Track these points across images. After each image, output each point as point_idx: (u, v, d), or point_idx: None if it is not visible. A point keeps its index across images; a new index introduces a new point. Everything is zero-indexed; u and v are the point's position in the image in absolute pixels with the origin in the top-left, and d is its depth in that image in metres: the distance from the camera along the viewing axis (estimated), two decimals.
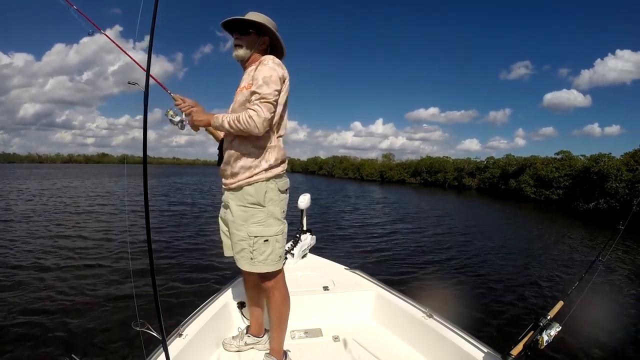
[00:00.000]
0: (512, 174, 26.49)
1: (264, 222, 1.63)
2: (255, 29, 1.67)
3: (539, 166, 23.58)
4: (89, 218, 10.15)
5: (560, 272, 6.30)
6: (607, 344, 3.55)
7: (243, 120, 1.50)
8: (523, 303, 4.66)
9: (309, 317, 2.24)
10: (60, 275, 5.01)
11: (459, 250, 7.71)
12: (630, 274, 6.27)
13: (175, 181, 32.05)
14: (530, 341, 1.47)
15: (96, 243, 7.02)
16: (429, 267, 6.22)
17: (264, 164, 1.62)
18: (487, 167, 31.17)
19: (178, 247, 6.88)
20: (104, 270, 5.21)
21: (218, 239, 1.85)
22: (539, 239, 9.80)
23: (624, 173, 17.98)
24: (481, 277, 5.77)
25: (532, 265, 6.72)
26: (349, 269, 2.77)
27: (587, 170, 20.10)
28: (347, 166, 54.05)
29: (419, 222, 11.74)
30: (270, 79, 1.52)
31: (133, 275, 2.07)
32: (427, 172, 38.40)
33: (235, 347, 1.94)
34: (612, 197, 17.89)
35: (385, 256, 6.82)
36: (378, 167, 48.13)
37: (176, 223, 9.62)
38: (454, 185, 33.96)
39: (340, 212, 13.71)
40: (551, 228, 12.34)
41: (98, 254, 6.13)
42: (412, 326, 2.04)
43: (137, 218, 8.89)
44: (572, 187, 20.90)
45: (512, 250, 7.96)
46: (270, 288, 1.72)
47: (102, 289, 4.46)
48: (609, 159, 19.54)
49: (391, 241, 8.28)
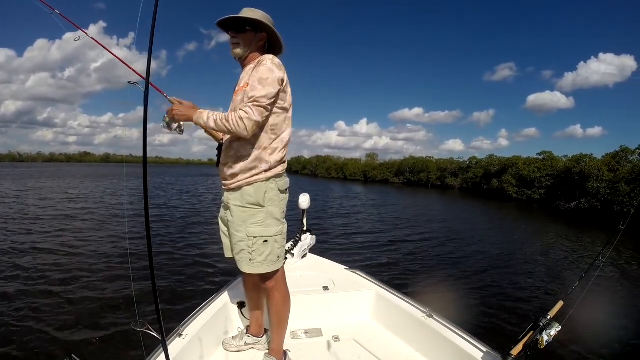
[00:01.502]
0: (495, 174, 26.89)
1: (263, 223, 1.62)
2: (251, 26, 1.63)
3: (521, 166, 23.96)
4: (88, 218, 10.15)
5: (560, 272, 6.30)
6: (607, 343, 3.55)
7: (232, 120, 1.47)
8: (523, 303, 4.66)
9: (309, 317, 2.24)
10: (60, 275, 5.00)
11: (453, 249, 7.72)
12: (630, 274, 6.28)
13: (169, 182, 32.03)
14: (530, 341, 1.47)
15: (96, 243, 7.02)
16: (425, 268, 6.23)
17: (264, 165, 1.60)
18: (470, 167, 31.64)
19: (178, 247, 6.88)
20: (104, 271, 5.20)
21: (218, 239, 1.85)
22: (536, 239, 9.81)
23: (605, 173, 18.32)
24: (481, 277, 5.77)
25: (532, 265, 6.72)
26: (349, 269, 2.77)
27: (568, 170, 20.47)
28: (331, 166, 53.79)
29: (408, 222, 11.76)
30: (267, 81, 1.50)
31: (133, 275, 2.07)
32: (410, 172, 38.84)
33: (235, 347, 1.94)
34: (593, 197, 18.27)
35: (377, 256, 6.82)
36: (361, 166, 48.12)
37: (176, 223, 9.61)
38: (436, 185, 34.35)
39: (330, 210, 13.73)
40: (545, 228, 12.38)
41: (98, 254, 6.13)
42: (412, 326, 2.04)
43: (137, 218, 8.90)
44: (554, 187, 21.29)
45: (508, 250, 7.96)
46: (271, 288, 1.71)
47: (102, 289, 4.46)
48: (591, 160, 19.90)
49: (380, 240, 8.29)
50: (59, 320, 3.61)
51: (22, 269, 5.25)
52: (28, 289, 4.44)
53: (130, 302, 3.97)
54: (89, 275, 5.03)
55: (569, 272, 6.32)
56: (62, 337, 3.29)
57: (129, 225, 9.17)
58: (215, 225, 1.88)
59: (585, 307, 1.69)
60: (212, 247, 6.58)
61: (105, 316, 3.73)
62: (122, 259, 5.75)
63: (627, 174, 17.27)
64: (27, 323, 3.53)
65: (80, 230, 8.31)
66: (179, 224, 9.53)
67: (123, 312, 3.79)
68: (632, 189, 16.44)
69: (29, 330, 3.39)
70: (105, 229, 8.57)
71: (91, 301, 4.11)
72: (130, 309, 3.83)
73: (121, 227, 8.79)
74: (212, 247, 6.63)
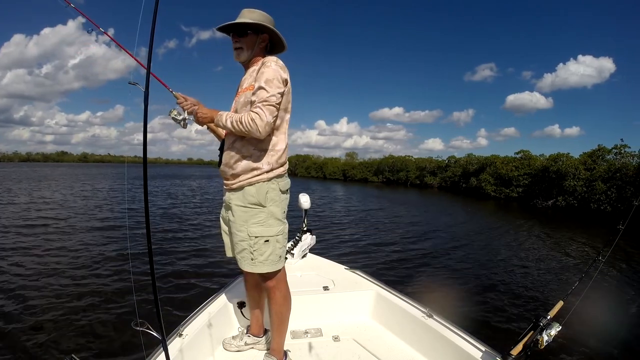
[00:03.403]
0: (473, 173, 27.10)
1: (264, 223, 1.63)
2: (252, 28, 1.65)
3: (499, 165, 24.18)
4: (88, 219, 10.15)
5: (559, 271, 6.30)
6: (608, 343, 3.55)
7: (246, 122, 1.50)
8: (523, 303, 4.66)
9: (309, 317, 2.24)
10: (60, 275, 5.00)
11: (441, 248, 7.72)
12: (630, 273, 6.28)
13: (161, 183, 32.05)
14: (530, 341, 1.47)
15: (96, 243, 7.02)
16: (421, 268, 6.23)
17: (266, 166, 1.61)
18: (449, 166, 31.90)
19: (178, 247, 6.88)
20: (103, 271, 5.20)
21: (219, 238, 1.85)
22: (531, 239, 9.81)
23: (581, 172, 18.68)
24: (481, 277, 5.77)
25: (531, 264, 6.72)
26: (349, 269, 2.77)
27: (546, 169, 20.75)
28: (310, 165, 53.43)
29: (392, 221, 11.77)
30: (273, 82, 1.52)
31: (133, 275, 2.07)
32: (389, 171, 38.97)
33: (235, 347, 1.94)
34: (570, 195, 18.63)
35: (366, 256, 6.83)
36: (341, 165, 48.01)
37: (176, 223, 9.61)
38: (415, 184, 34.57)
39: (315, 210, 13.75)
40: (536, 226, 12.38)
41: (98, 255, 6.12)
42: (412, 326, 2.04)
43: (137, 218, 8.89)
44: (532, 185, 21.59)
45: (506, 250, 7.97)
46: (272, 288, 1.72)
47: (102, 289, 4.46)
48: (568, 159, 20.23)
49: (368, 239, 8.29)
50: (59, 321, 3.60)
51: (22, 269, 5.25)
52: (28, 289, 4.44)
53: (130, 302, 3.98)
54: (88, 275, 5.03)
55: (569, 272, 6.33)
56: (62, 337, 3.29)
57: (129, 225, 9.18)
58: (215, 224, 1.88)
59: (585, 307, 1.69)
60: (212, 247, 6.58)
61: (105, 316, 3.73)
62: (122, 259, 5.75)
63: (604, 172, 17.67)
64: (27, 323, 3.53)
65: (80, 231, 8.31)
66: (179, 224, 9.53)
67: (123, 312, 3.78)
68: (608, 187, 17.03)
69: (29, 331, 3.39)
70: (105, 229, 8.56)
71: (91, 301, 4.10)
72: (130, 308, 3.83)
73: (121, 227, 8.79)
74: (213, 247, 6.64)
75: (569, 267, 6.72)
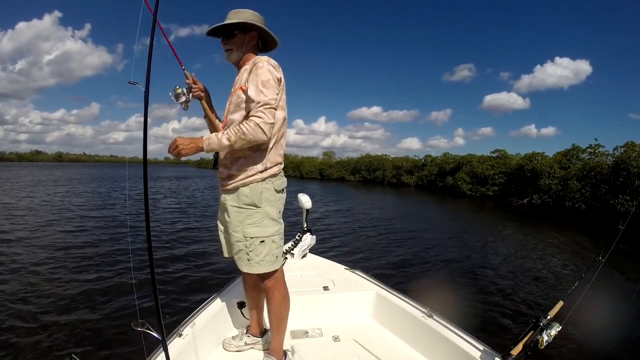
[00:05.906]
0: (449, 172, 27.15)
1: (259, 223, 1.63)
2: (238, 28, 1.64)
3: (475, 164, 24.26)
4: (87, 219, 10.15)
5: (559, 272, 6.30)
6: (608, 343, 3.55)
7: (249, 130, 1.46)
8: (523, 303, 4.66)
9: (309, 317, 2.24)
10: (60, 275, 5.00)
11: (424, 247, 7.72)
12: (630, 273, 6.27)
13: None
14: (530, 341, 1.47)
15: (96, 243, 7.02)
16: (416, 267, 6.22)
17: (260, 166, 1.61)
18: (425, 165, 32.02)
19: (178, 247, 6.88)
20: (104, 271, 5.20)
21: (218, 239, 1.85)
22: (527, 238, 9.81)
23: (556, 170, 18.88)
24: (481, 277, 5.77)
25: (531, 265, 6.72)
26: (349, 269, 2.77)
27: (521, 167, 20.90)
28: (287, 164, 52.41)
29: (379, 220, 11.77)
30: (269, 82, 1.51)
31: (133, 275, 2.07)
32: (366, 170, 38.91)
33: (235, 347, 1.94)
34: (545, 193, 18.85)
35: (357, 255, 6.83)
36: (318, 165, 47.73)
37: (176, 223, 9.61)
38: (392, 183, 34.56)
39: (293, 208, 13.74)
40: (528, 226, 12.39)
41: (98, 255, 6.13)
42: (412, 326, 2.04)
43: (138, 218, 8.89)
44: (507, 184, 21.76)
45: (504, 249, 7.97)
46: (270, 288, 1.71)
47: (102, 289, 4.46)
48: (542, 158, 20.38)
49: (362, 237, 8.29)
50: (59, 321, 3.61)
51: (22, 269, 5.25)
52: (28, 289, 4.44)
53: (130, 302, 3.98)
54: (88, 275, 5.03)
55: (568, 271, 6.33)
56: (62, 337, 3.29)
57: (129, 225, 9.17)
58: (214, 224, 1.88)
59: (586, 307, 1.69)
60: (212, 248, 6.58)
61: (105, 316, 3.73)
62: (123, 260, 5.75)
63: (578, 171, 17.96)
64: (27, 324, 3.53)
65: (79, 231, 8.32)
66: (179, 223, 9.54)
67: (123, 312, 3.79)
68: (582, 185, 17.24)
69: (29, 331, 3.39)
70: (105, 229, 8.56)
71: (91, 301, 4.11)
72: (130, 308, 3.83)
73: (122, 227, 8.79)
74: (212, 247, 6.63)
75: (569, 267, 6.72)
